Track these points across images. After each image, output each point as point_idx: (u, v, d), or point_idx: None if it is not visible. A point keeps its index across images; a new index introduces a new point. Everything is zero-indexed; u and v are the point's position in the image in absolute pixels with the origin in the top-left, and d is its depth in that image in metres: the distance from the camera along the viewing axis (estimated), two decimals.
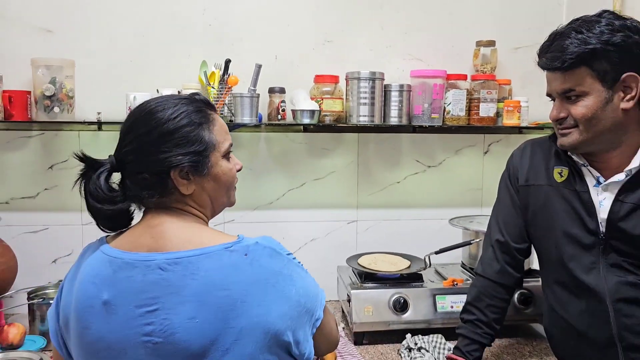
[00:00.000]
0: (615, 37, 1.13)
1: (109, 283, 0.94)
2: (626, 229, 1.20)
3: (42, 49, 1.80)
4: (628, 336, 1.22)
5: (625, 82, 1.16)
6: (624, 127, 1.20)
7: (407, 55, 2.02)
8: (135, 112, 1.03)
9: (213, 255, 0.93)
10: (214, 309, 0.90)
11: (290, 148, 1.99)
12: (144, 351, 0.90)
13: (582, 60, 1.15)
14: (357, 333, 1.65)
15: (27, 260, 1.81)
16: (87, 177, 1.01)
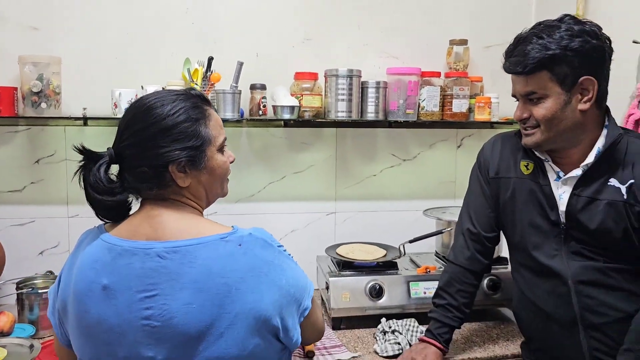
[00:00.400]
0: (574, 42, 1.21)
1: (108, 269, 0.99)
2: (583, 221, 1.29)
3: (29, 46, 1.84)
4: (588, 316, 1.31)
5: (583, 85, 1.23)
6: (583, 126, 1.28)
7: (384, 53, 2.10)
8: (134, 107, 1.08)
9: (209, 245, 0.99)
10: (210, 296, 0.96)
11: (271, 142, 2.07)
12: (142, 334, 0.96)
13: (543, 65, 1.22)
14: (335, 318, 1.74)
15: (14, 252, 1.85)
16: (87, 169, 1.06)
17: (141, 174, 1.04)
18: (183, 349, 0.96)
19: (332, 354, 1.56)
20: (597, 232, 1.28)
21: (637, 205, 1.24)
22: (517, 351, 1.59)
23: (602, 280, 1.30)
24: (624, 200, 1.25)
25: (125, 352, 0.98)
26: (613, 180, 1.27)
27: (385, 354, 1.55)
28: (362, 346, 1.62)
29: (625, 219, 1.25)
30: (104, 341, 0.99)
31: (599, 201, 1.28)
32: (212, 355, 0.97)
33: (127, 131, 1.05)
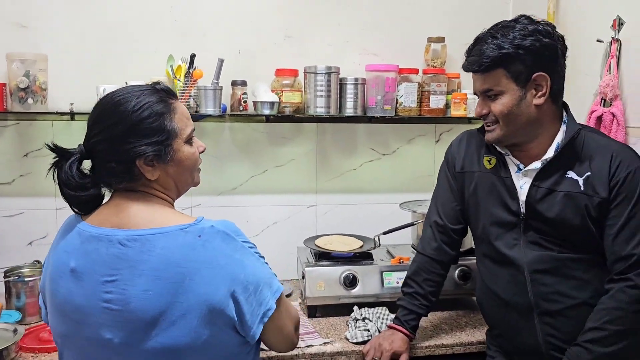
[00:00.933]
0: (526, 41, 1.27)
1: (77, 253, 1.06)
2: (541, 210, 1.35)
3: (17, 44, 1.90)
4: (542, 303, 1.38)
5: (537, 81, 1.30)
6: (539, 120, 1.34)
7: (363, 50, 2.16)
8: (102, 104, 1.12)
9: (169, 235, 1.03)
10: (166, 284, 1.00)
11: (252, 137, 2.13)
12: (103, 316, 1.02)
13: (498, 63, 1.29)
14: (311, 307, 1.80)
15: (4, 243, 1.94)
16: (59, 166, 1.10)
17: (111, 169, 1.08)
18: (138, 334, 1.01)
19: (305, 340, 1.62)
20: (554, 221, 1.34)
21: (595, 196, 1.30)
22: (482, 338, 1.65)
23: (556, 269, 1.36)
24: (581, 192, 1.31)
25: (89, 332, 1.04)
26: (571, 173, 1.33)
27: (355, 340, 1.62)
28: (335, 333, 1.69)
29: (582, 209, 1.31)
30: (73, 320, 1.05)
31: (557, 192, 1.33)
32: (164, 342, 1.01)
33: (96, 127, 1.09)
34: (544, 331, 1.38)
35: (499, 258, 1.44)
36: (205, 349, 1.04)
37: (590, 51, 1.73)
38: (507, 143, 1.40)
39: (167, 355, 1.02)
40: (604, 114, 1.61)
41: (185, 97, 1.93)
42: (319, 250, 1.90)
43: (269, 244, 2.14)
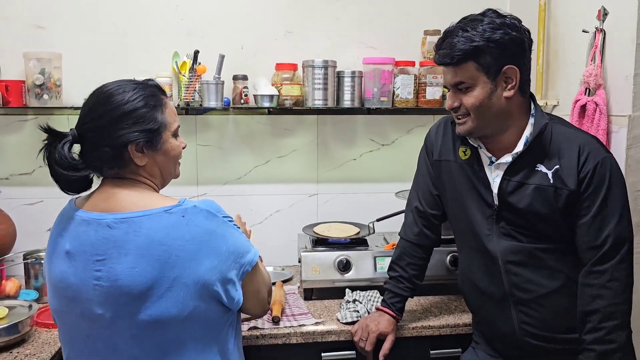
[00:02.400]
0: (496, 34, 1.29)
1: (71, 236, 1.16)
2: (512, 202, 1.39)
3: (35, 43, 2.05)
4: (516, 292, 1.43)
5: (507, 74, 1.32)
6: (509, 112, 1.36)
7: (361, 44, 2.23)
8: (97, 94, 1.21)
9: (154, 217, 1.12)
10: (151, 261, 1.10)
11: (255, 129, 2.23)
12: (94, 293, 1.12)
13: (468, 56, 1.31)
14: (307, 290, 1.90)
15: (25, 229, 2.08)
16: (52, 146, 1.17)
17: (103, 154, 1.16)
18: (127, 308, 1.11)
19: (298, 320, 1.72)
20: (525, 213, 1.38)
21: (564, 189, 1.33)
22: (469, 321, 1.71)
23: (528, 259, 1.40)
24: (550, 185, 1.34)
25: (81, 308, 1.14)
26: (540, 166, 1.36)
27: (344, 320, 1.70)
28: (327, 314, 1.77)
29: (551, 202, 1.34)
30: (66, 297, 1.16)
31: (528, 185, 1.37)
32: (153, 314, 1.10)
33: (90, 115, 1.18)
34: (519, 319, 1.43)
35: (475, 248, 1.49)
36: (190, 319, 1.13)
37: (577, 41, 1.76)
38: (478, 135, 1.42)
39: (155, 326, 1.11)
40: (587, 103, 1.65)
41: (190, 92, 2.04)
42: (316, 236, 1.99)
43: (272, 231, 2.25)
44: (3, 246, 1.96)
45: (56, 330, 1.63)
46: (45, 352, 1.49)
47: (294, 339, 1.65)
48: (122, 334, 1.12)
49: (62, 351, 1.25)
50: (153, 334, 1.12)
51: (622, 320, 1.31)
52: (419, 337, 1.71)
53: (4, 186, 2.09)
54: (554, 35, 1.94)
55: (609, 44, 1.64)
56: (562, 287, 1.38)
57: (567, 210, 1.34)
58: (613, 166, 1.32)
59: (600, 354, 1.31)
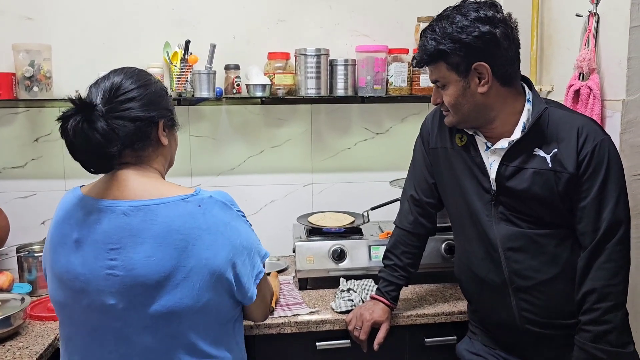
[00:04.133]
0: (462, 34, 1.29)
1: (80, 224, 1.12)
2: (511, 186, 1.38)
3: (24, 35, 2.03)
4: (516, 279, 1.41)
5: (478, 70, 1.31)
6: (488, 106, 1.35)
7: (355, 32, 2.21)
8: (122, 71, 1.17)
9: (170, 205, 1.11)
10: (169, 250, 1.08)
11: (249, 119, 2.21)
12: (105, 283, 1.09)
13: (437, 57, 1.33)
14: (301, 279, 1.89)
15: (18, 222, 2.07)
16: (82, 118, 1.07)
17: (135, 129, 1.13)
18: (142, 298, 1.09)
19: (292, 309, 1.71)
20: (524, 198, 1.37)
21: (563, 172, 1.32)
22: (464, 309, 1.71)
23: (528, 245, 1.39)
24: (549, 169, 1.33)
25: (89, 299, 1.11)
26: (538, 150, 1.35)
27: (339, 309, 1.70)
28: (322, 303, 1.77)
29: (551, 185, 1.33)
30: (71, 288, 1.13)
31: (526, 170, 1.36)
32: (168, 304, 1.09)
33: (121, 89, 1.13)
34: (519, 306, 1.42)
35: (472, 235, 1.48)
36: (203, 311, 1.12)
37: (571, 26, 1.75)
38: (463, 127, 1.43)
39: (168, 317, 1.10)
40: (581, 87, 1.63)
41: (182, 82, 2.02)
42: (311, 226, 1.99)
43: (267, 221, 2.24)
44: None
45: (50, 323, 1.63)
46: (39, 344, 1.49)
47: (289, 329, 1.65)
48: (135, 325, 1.10)
49: (61, 345, 1.22)
50: (166, 325, 1.10)
51: (617, 301, 1.30)
52: (413, 325, 1.70)
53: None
54: (547, 20, 1.92)
55: (603, 28, 1.62)
56: (562, 272, 1.37)
57: (567, 193, 1.33)
58: (611, 148, 1.32)
59: (595, 334, 1.31)
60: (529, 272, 1.40)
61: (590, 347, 1.31)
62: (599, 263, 1.31)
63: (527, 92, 1.40)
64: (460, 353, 1.61)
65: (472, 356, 1.57)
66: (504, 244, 1.41)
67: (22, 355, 1.43)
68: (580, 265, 1.34)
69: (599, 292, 1.30)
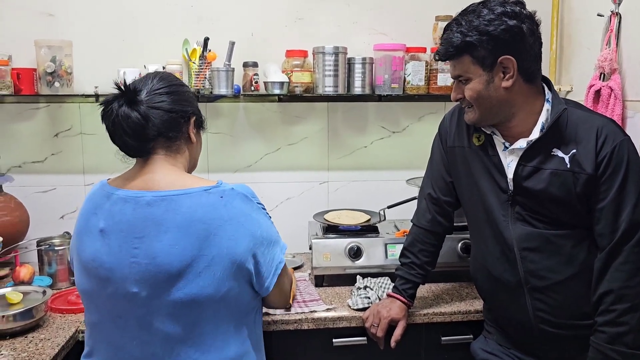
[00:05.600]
0: (490, 27, 1.28)
1: (106, 214, 1.17)
2: (528, 187, 1.37)
3: (45, 31, 2.05)
4: (530, 279, 1.41)
5: (503, 64, 1.30)
6: (511, 101, 1.35)
7: (372, 30, 2.21)
8: (156, 73, 1.27)
9: (193, 196, 1.14)
10: (191, 239, 1.11)
11: (266, 116, 2.22)
12: (130, 271, 1.13)
13: (463, 51, 1.32)
14: (317, 276, 1.90)
15: (38, 216, 2.10)
16: (127, 101, 1.16)
17: (172, 120, 1.20)
18: (164, 286, 1.12)
19: (310, 306, 1.72)
20: (541, 198, 1.36)
21: (582, 173, 1.31)
22: (480, 307, 1.71)
23: (544, 246, 1.38)
24: (567, 169, 1.33)
25: (114, 287, 1.14)
26: (557, 150, 1.34)
27: (355, 306, 1.70)
28: (338, 300, 1.78)
29: (569, 186, 1.32)
30: (96, 276, 1.16)
31: (544, 170, 1.35)
32: (190, 292, 1.12)
33: (159, 84, 1.21)
34: (534, 306, 1.42)
35: (488, 235, 1.48)
36: (224, 300, 1.15)
37: (592, 25, 1.74)
38: (482, 124, 1.42)
39: (190, 305, 1.12)
40: (602, 88, 1.63)
41: (200, 79, 2.04)
42: (327, 223, 1.99)
43: (283, 218, 2.24)
44: (17, 233, 1.97)
45: (70, 315, 1.65)
46: (60, 336, 1.51)
47: (306, 325, 1.66)
48: (157, 313, 1.13)
49: (86, 332, 1.25)
50: (188, 313, 1.13)
51: (634, 302, 1.29)
52: (430, 323, 1.71)
53: (17, 174, 2.10)
54: (567, 20, 1.92)
55: (625, 28, 1.62)
56: (577, 273, 1.37)
57: (585, 194, 1.32)
58: (630, 149, 1.31)
59: (610, 336, 1.30)
60: (545, 273, 1.39)
61: (606, 349, 1.30)
62: (617, 264, 1.30)
63: (546, 92, 1.40)
64: (475, 352, 1.61)
65: (486, 355, 1.57)
66: (519, 244, 1.41)
67: (44, 347, 1.45)
68: (597, 266, 1.34)
69: (616, 293, 1.30)
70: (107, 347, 1.19)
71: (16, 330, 1.50)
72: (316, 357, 1.71)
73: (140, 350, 1.15)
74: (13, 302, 1.55)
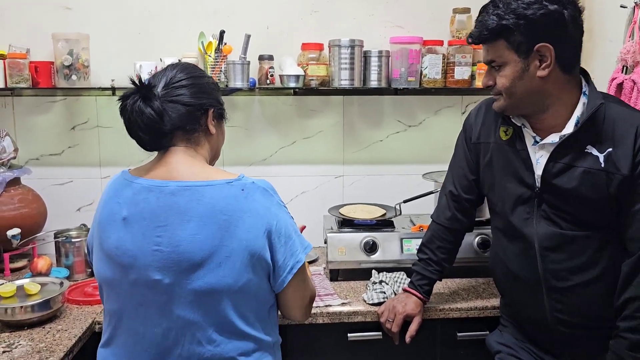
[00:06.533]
0: (529, 10, 1.22)
1: (129, 203, 1.17)
2: (557, 185, 1.33)
3: (62, 24, 2.06)
4: (551, 279, 1.38)
5: (540, 52, 1.25)
6: (545, 92, 1.29)
7: (389, 23, 2.19)
8: (178, 63, 1.27)
9: (216, 187, 1.15)
10: (213, 229, 1.12)
11: (281, 110, 2.22)
12: (152, 259, 1.13)
13: (498, 34, 1.26)
14: (332, 270, 1.89)
15: (55, 208, 2.11)
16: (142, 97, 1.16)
17: (189, 113, 1.20)
18: (186, 274, 1.12)
19: (325, 300, 1.72)
20: (570, 197, 1.32)
21: (616, 174, 1.26)
22: (497, 304, 1.69)
23: (566, 246, 1.35)
24: (601, 169, 1.27)
25: (136, 274, 1.15)
26: (591, 148, 1.29)
27: (371, 301, 1.69)
28: (354, 295, 1.77)
29: (602, 186, 1.28)
30: (119, 264, 1.17)
31: (576, 168, 1.30)
32: (211, 281, 1.12)
33: (177, 77, 1.21)
34: (551, 306, 1.39)
35: (511, 231, 1.45)
36: (243, 291, 1.15)
37: (615, 17, 1.70)
38: (512, 114, 1.38)
39: (210, 294, 1.13)
40: (624, 81, 1.59)
41: (216, 72, 2.03)
42: (342, 217, 1.98)
43: (298, 212, 2.19)
44: (34, 225, 1.99)
45: (87, 307, 1.66)
46: (77, 327, 1.52)
47: (320, 319, 1.65)
48: (179, 300, 1.14)
49: (104, 321, 1.25)
50: (208, 301, 1.14)
51: None
52: (446, 319, 1.69)
53: (34, 166, 2.12)
54: (588, 12, 1.86)
55: None
56: (598, 277, 1.34)
57: (618, 196, 1.27)
58: None
59: (632, 343, 1.27)
60: (565, 274, 1.36)
61: (627, 355, 1.27)
62: None
63: (583, 85, 1.34)
64: (490, 344, 1.59)
65: (501, 347, 1.55)
66: (541, 243, 1.37)
67: (61, 338, 1.46)
68: (624, 270, 1.29)
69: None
70: (126, 335, 1.19)
71: (34, 320, 1.52)
72: (331, 352, 1.70)
73: (161, 337, 1.16)
74: (31, 292, 1.57)
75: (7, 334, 1.48)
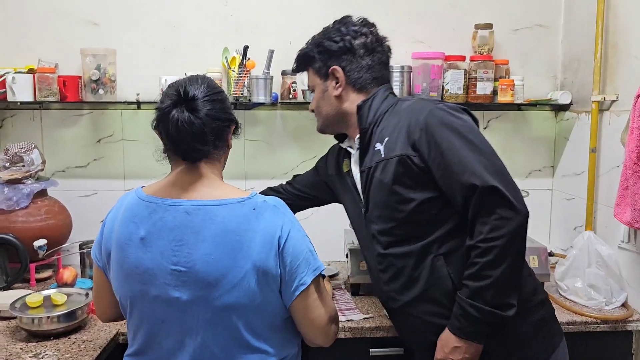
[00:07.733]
0: (325, 41, 1.42)
1: (146, 223, 1.18)
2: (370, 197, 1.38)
3: (90, 40, 2.11)
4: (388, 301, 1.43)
5: (333, 74, 1.42)
6: (344, 109, 1.43)
7: (411, 38, 2.20)
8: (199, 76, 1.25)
9: (228, 206, 1.16)
10: (226, 250, 1.13)
11: (303, 124, 2.23)
12: (171, 277, 1.15)
13: (306, 63, 1.48)
14: (353, 285, 1.89)
15: (80, 220, 2.15)
16: (188, 108, 1.16)
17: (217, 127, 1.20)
18: (203, 293, 1.14)
19: (346, 315, 1.71)
20: (376, 204, 1.36)
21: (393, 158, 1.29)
22: None
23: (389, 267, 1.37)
24: (382, 159, 1.32)
25: (156, 292, 1.16)
26: (377, 144, 1.36)
27: None
28: (375, 310, 1.76)
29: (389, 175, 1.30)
30: (139, 282, 1.18)
31: (370, 169, 1.37)
32: (227, 301, 1.13)
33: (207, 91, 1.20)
34: (397, 327, 1.51)
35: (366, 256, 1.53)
36: (259, 309, 1.17)
37: None
38: (329, 133, 1.53)
39: (229, 311, 1.14)
40: None
41: (239, 87, 2.06)
42: None
43: (318, 226, 2.23)
44: (60, 236, 2.03)
45: None
46: (102, 338, 1.54)
47: (342, 334, 1.65)
48: (197, 318, 1.15)
49: (129, 335, 1.27)
50: (224, 319, 1.15)
51: (496, 256, 1.19)
52: None
53: (60, 178, 2.16)
54: (613, 28, 1.87)
55: None
56: (422, 294, 1.33)
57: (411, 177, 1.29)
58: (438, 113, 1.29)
59: (473, 290, 1.22)
60: (394, 294, 1.39)
61: (466, 304, 1.23)
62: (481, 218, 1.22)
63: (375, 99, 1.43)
64: None
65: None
66: (376, 266, 1.43)
67: (87, 348, 1.48)
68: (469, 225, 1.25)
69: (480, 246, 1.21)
70: (151, 349, 1.21)
71: (59, 331, 1.54)
72: None
73: (183, 352, 1.17)
74: (58, 303, 1.59)
75: (33, 344, 1.50)
